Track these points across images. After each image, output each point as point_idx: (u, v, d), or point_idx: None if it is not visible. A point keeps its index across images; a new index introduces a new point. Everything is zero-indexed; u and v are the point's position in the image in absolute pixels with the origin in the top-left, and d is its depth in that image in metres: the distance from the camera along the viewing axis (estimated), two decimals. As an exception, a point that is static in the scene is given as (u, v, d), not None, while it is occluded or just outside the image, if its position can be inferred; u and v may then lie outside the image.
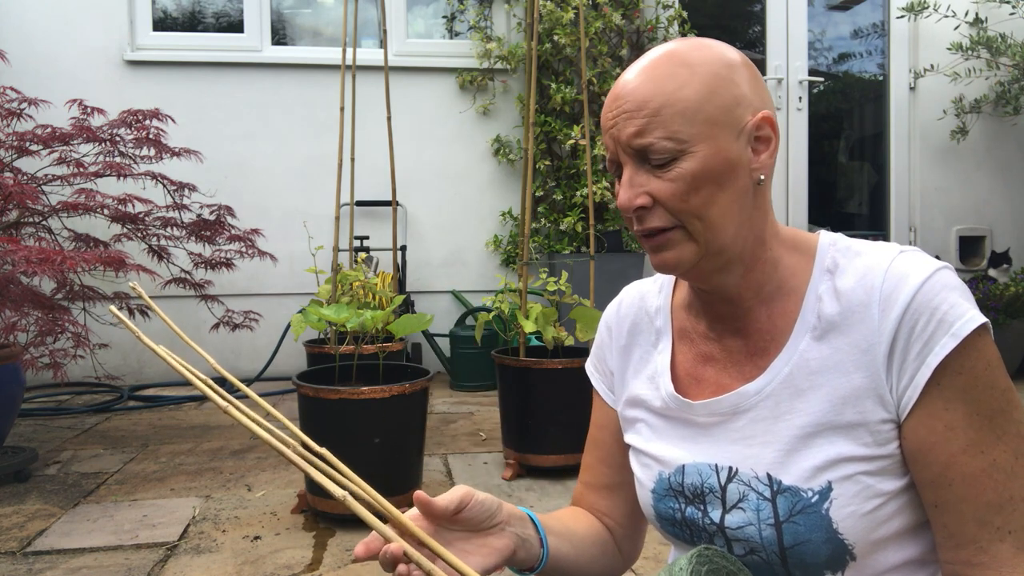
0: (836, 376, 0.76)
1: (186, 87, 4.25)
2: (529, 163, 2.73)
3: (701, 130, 0.75)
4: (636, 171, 0.78)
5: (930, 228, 4.92)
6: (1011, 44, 4.34)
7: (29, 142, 3.01)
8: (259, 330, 3.71)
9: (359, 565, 1.90)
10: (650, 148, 0.76)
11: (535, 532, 0.87)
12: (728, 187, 0.77)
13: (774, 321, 0.82)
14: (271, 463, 2.75)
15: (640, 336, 0.95)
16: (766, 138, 0.78)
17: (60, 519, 2.21)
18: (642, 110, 0.76)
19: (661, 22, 4.45)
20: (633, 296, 0.98)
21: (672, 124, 0.75)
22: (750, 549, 0.79)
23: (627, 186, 0.78)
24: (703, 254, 0.78)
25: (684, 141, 0.75)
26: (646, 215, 0.78)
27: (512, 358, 2.59)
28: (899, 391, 0.73)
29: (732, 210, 0.77)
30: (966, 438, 0.71)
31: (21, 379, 2.66)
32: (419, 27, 4.65)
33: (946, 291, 0.73)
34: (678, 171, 0.75)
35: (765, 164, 0.79)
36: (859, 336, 0.75)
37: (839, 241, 0.82)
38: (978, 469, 0.71)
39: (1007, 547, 0.70)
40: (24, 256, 2.39)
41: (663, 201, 0.77)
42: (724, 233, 0.78)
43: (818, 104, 5.06)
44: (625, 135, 0.77)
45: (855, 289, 0.76)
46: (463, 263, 4.54)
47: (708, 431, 0.84)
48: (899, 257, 0.76)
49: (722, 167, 0.76)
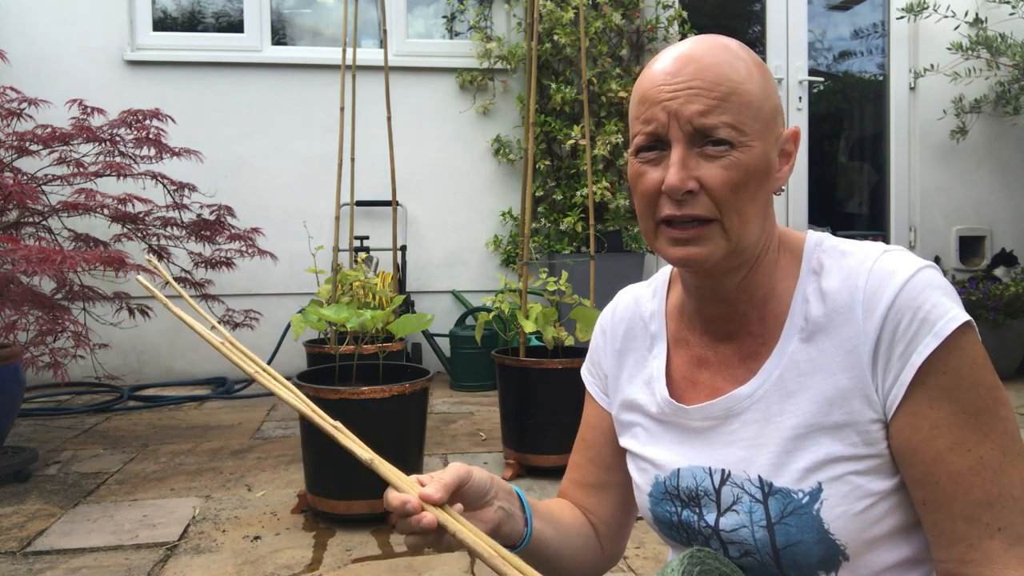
0: (823, 377, 0.76)
1: (186, 87, 4.25)
2: (529, 163, 2.73)
3: (759, 128, 0.76)
4: (688, 152, 0.75)
5: (930, 228, 4.92)
6: (1011, 44, 4.34)
7: (29, 142, 3.01)
8: (259, 330, 3.71)
9: (359, 565, 1.90)
10: (714, 130, 0.73)
11: (521, 510, 0.87)
12: (764, 189, 0.78)
13: (765, 324, 0.82)
14: (271, 463, 2.75)
15: (635, 341, 0.95)
16: (788, 152, 0.81)
17: (60, 519, 2.21)
18: (713, 90, 0.74)
19: (661, 22, 4.45)
20: (628, 300, 0.98)
21: (741, 113, 0.74)
22: (744, 551, 0.79)
23: (679, 166, 0.74)
24: (731, 251, 0.77)
25: (746, 134, 0.75)
26: (690, 200, 0.75)
27: (512, 358, 2.59)
28: (885, 391, 0.73)
29: (761, 212, 0.78)
30: (952, 437, 0.71)
31: (21, 379, 2.66)
32: (419, 27, 4.65)
33: (929, 290, 0.73)
34: (733, 160, 0.74)
35: (784, 176, 0.81)
36: (844, 337, 0.75)
37: (824, 241, 0.82)
38: (964, 467, 0.71)
39: (997, 544, 0.70)
40: (24, 256, 2.39)
41: (712, 188, 0.74)
42: (752, 233, 0.78)
43: (818, 104, 5.06)
44: (690, 111, 0.74)
45: (839, 290, 0.77)
46: (463, 263, 4.54)
47: (702, 435, 0.84)
48: (882, 257, 0.76)
49: (765, 169, 0.77)
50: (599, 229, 4.13)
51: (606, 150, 4.16)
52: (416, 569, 1.87)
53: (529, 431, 2.55)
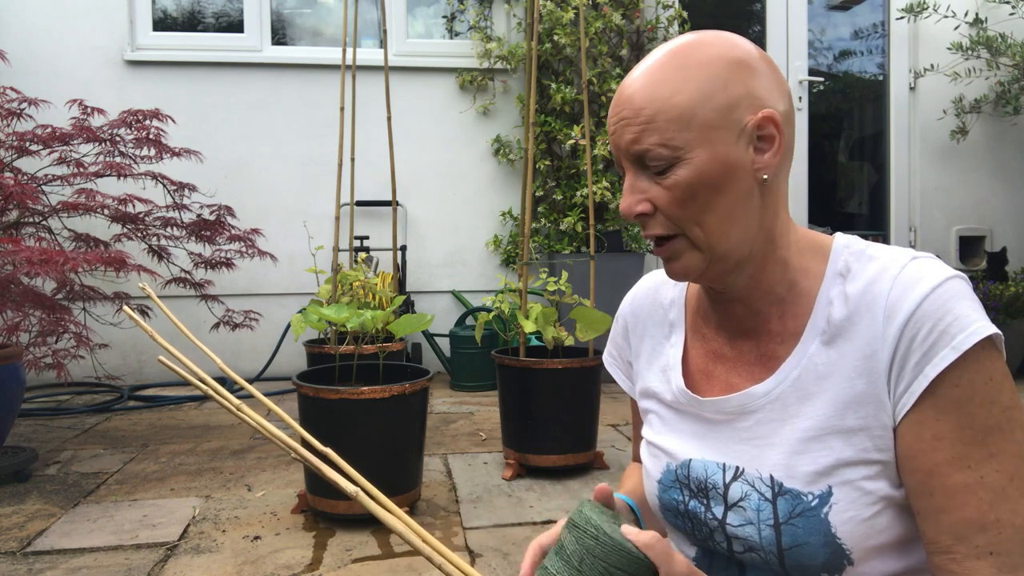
0: (841, 381, 0.75)
1: (186, 87, 4.25)
2: (529, 163, 2.73)
3: (696, 135, 0.74)
4: (637, 177, 0.78)
5: (930, 228, 4.92)
6: (1011, 44, 4.34)
7: (29, 142, 3.01)
8: (259, 330, 3.71)
9: (359, 565, 1.90)
10: (647, 155, 0.76)
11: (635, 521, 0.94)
12: (728, 191, 0.76)
13: (785, 323, 0.81)
14: (271, 463, 2.75)
15: (653, 328, 0.95)
16: (770, 136, 0.77)
17: (60, 519, 2.21)
18: (637, 117, 0.76)
19: (661, 22, 4.45)
20: (648, 287, 0.99)
21: (666, 131, 0.74)
22: (749, 547, 0.79)
23: (628, 192, 0.78)
24: (709, 260, 0.78)
25: (679, 148, 0.74)
26: (648, 222, 0.79)
27: (512, 358, 2.59)
28: (896, 397, 0.73)
29: (734, 214, 0.77)
30: (952, 451, 0.70)
31: (21, 379, 2.66)
32: (419, 27, 4.65)
33: (953, 301, 0.71)
34: (674, 178, 0.75)
35: (769, 163, 0.77)
36: (863, 341, 0.75)
37: (853, 244, 0.81)
38: (960, 483, 0.69)
39: (986, 567, 0.69)
40: (26, 257, 2.39)
41: (661, 208, 0.77)
42: (726, 238, 0.77)
43: (818, 104, 5.06)
44: (624, 142, 0.77)
45: (864, 294, 0.76)
46: (463, 263, 4.54)
47: (716, 428, 0.84)
48: (910, 264, 0.75)
49: (720, 172, 0.75)
50: (599, 229, 4.13)
51: (606, 150, 4.16)
52: (416, 569, 1.87)
53: (529, 431, 2.55)
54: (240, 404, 0.80)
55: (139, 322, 0.78)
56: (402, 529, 0.72)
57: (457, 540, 2.06)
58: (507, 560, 1.93)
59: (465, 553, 1.98)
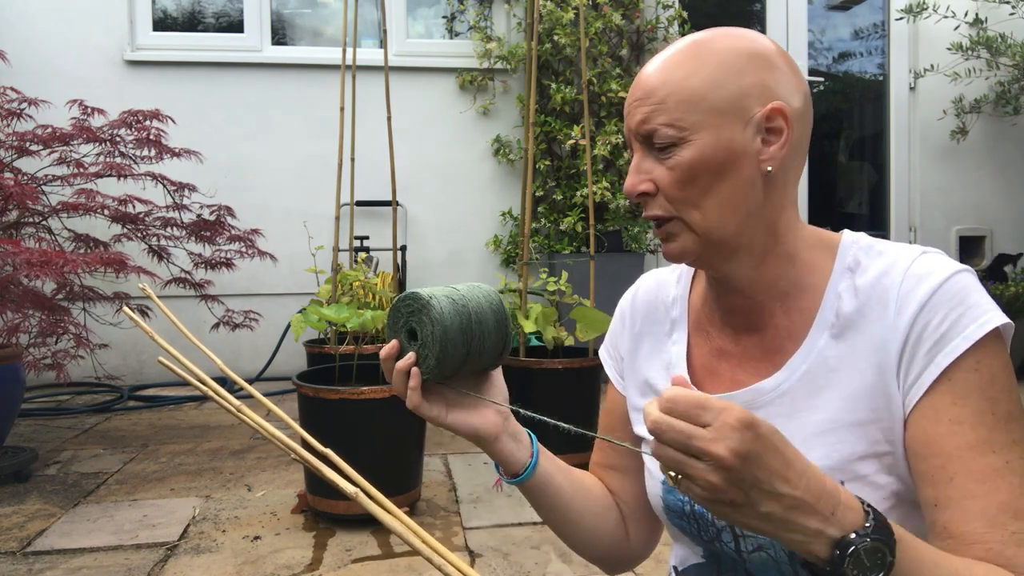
0: (852, 374, 0.75)
1: (186, 87, 4.25)
2: (529, 163, 2.73)
3: (703, 118, 0.75)
4: (643, 157, 0.79)
5: (930, 228, 4.92)
6: (1011, 44, 4.34)
7: (29, 142, 3.01)
8: (259, 330, 3.71)
9: (359, 565, 1.90)
10: (654, 135, 0.77)
11: (529, 446, 0.93)
12: (728, 177, 0.76)
13: (791, 318, 0.81)
14: (271, 463, 2.75)
15: (654, 324, 0.95)
16: (778, 129, 0.77)
17: (60, 519, 2.21)
18: (650, 98, 0.77)
19: (661, 22, 4.45)
20: (650, 284, 0.98)
21: (675, 112, 0.76)
22: (758, 546, 0.79)
23: (633, 171, 0.79)
24: (704, 244, 0.78)
25: (684, 129, 0.75)
26: (648, 202, 0.79)
27: (512, 358, 2.59)
28: (906, 387, 0.73)
29: (733, 201, 0.77)
30: (975, 434, 0.69)
31: (21, 379, 2.66)
32: (419, 27, 4.65)
33: (965, 291, 0.72)
34: (677, 159, 0.76)
35: (775, 156, 0.78)
36: (874, 333, 0.75)
37: (861, 239, 0.81)
38: (988, 467, 0.68)
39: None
40: (26, 259, 2.39)
41: (662, 188, 0.78)
42: (723, 224, 0.77)
43: (818, 104, 5.06)
44: (634, 122, 0.78)
45: (874, 287, 0.76)
46: (463, 263, 4.53)
47: None
48: (920, 257, 0.75)
49: (723, 156, 0.76)
50: (599, 229, 4.13)
51: (606, 150, 4.16)
52: (416, 569, 1.87)
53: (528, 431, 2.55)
54: (240, 405, 0.79)
55: (139, 322, 0.78)
56: (401, 530, 0.72)
57: (457, 540, 2.06)
58: (507, 560, 1.93)
59: (465, 553, 1.98)
